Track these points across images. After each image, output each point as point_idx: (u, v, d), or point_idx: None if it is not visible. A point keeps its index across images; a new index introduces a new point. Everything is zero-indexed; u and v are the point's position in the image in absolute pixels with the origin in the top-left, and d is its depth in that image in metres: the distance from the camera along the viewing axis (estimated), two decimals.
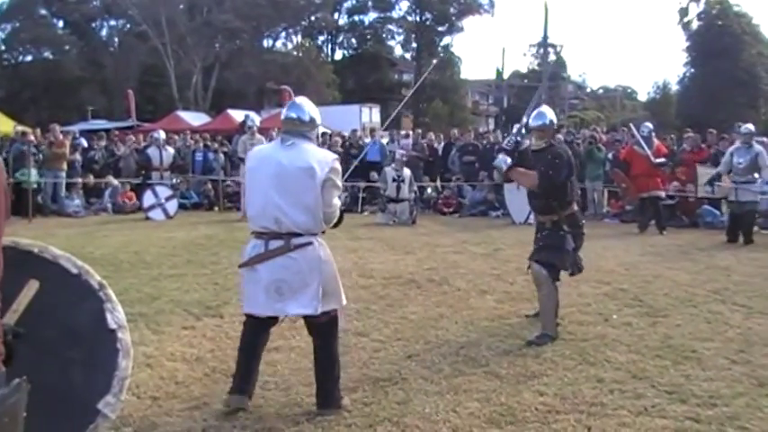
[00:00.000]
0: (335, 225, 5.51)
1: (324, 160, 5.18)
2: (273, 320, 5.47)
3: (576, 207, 7.63)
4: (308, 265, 5.16)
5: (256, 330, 5.46)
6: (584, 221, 8.02)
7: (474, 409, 5.26)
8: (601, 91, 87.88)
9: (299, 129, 5.34)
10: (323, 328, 5.36)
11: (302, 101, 5.52)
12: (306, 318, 5.37)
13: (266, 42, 62.07)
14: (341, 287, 5.50)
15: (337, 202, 5.36)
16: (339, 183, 5.33)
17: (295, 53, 61.01)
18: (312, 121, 5.39)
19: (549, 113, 7.59)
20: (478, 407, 5.32)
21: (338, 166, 5.30)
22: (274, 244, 5.14)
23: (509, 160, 7.50)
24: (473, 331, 7.50)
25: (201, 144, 23.04)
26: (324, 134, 23.14)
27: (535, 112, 7.61)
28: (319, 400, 5.31)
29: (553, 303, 7.28)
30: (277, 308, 5.23)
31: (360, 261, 11.71)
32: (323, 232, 5.37)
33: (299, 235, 5.13)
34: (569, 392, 5.61)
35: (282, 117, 5.46)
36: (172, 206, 18.56)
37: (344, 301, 5.50)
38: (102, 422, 4.03)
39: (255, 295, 5.24)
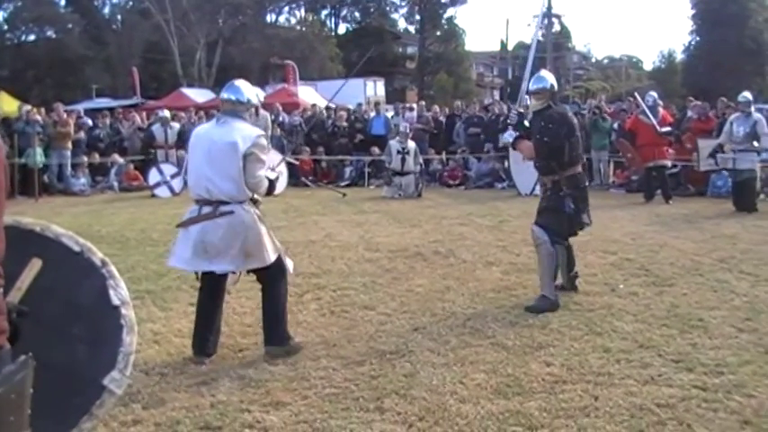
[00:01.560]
0: (268, 194, 6.16)
1: (248, 136, 5.78)
2: (223, 280, 6.11)
3: (578, 168, 7.59)
4: (233, 229, 5.74)
5: (209, 290, 6.10)
6: (587, 183, 8.05)
7: (481, 381, 5.28)
8: (606, 61, 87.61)
9: (234, 108, 5.98)
10: (264, 277, 6.05)
11: (240, 83, 6.17)
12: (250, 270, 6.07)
13: (269, 17, 61.83)
14: (267, 246, 5.92)
15: (261, 174, 5.86)
16: (263, 156, 5.86)
17: (298, 28, 60.80)
18: (248, 101, 6.05)
19: (548, 77, 7.68)
20: (485, 378, 5.33)
21: (262, 141, 5.87)
22: (205, 209, 5.80)
23: (514, 134, 7.68)
24: (479, 303, 7.52)
25: (203, 120, 22.96)
26: (328, 108, 23.11)
27: (535, 76, 7.73)
28: (266, 335, 6.03)
29: (551, 266, 7.39)
30: (203, 265, 5.87)
31: (366, 235, 11.71)
32: (254, 201, 6.00)
33: (227, 203, 5.76)
34: (576, 362, 5.62)
35: (221, 97, 6.18)
36: (177, 183, 18.53)
37: (270, 259, 5.91)
38: (108, 398, 4.05)
39: (183, 252, 5.90)
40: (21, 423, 2.05)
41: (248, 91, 6.10)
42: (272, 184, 6.11)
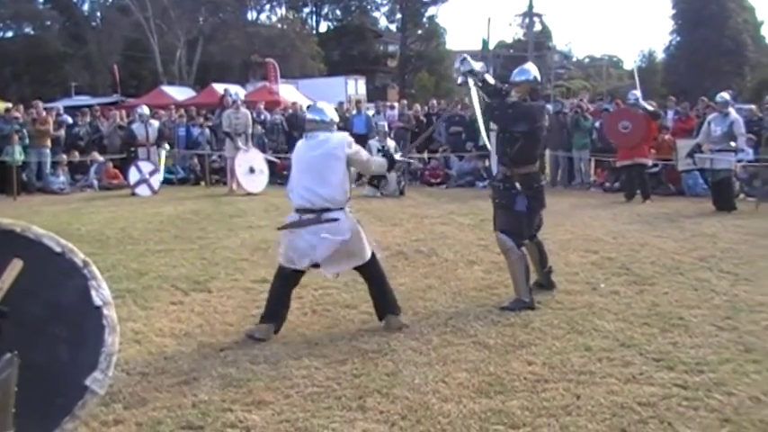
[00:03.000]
0: (389, 169, 7.47)
1: (340, 143, 6.47)
2: (301, 275, 6.68)
3: (534, 168, 7.57)
4: (339, 235, 6.33)
5: (288, 280, 6.63)
6: (542, 183, 7.86)
7: (463, 380, 5.28)
8: (587, 60, 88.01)
9: (318, 127, 6.61)
10: (366, 270, 6.68)
11: (323, 105, 6.91)
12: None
13: (250, 15, 61.81)
14: (366, 244, 6.60)
15: (367, 159, 6.97)
16: (357, 147, 6.72)
17: (279, 25, 60.67)
18: (331, 121, 6.71)
19: (532, 70, 7.66)
20: (467, 377, 5.34)
21: (350, 138, 6.67)
22: (306, 216, 6.40)
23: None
24: (461, 302, 7.52)
25: (186, 119, 22.88)
26: (309, 106, 23.04)
27: (519, 68, 7.77)
28: (379, 311, 6.65)
29: (522, 269, 7.31)
30: (311, 263, 6.45)
31: None
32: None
33: (329, 210, 6.37)
34: (558, 361, 5.64)
35: (307, 117, 6.90)
36: (156, 180, 18.46)
37: (369, 253, 6.62)
38: (90, 398, 4.04)
39: (291, 254, 6.50)
40: (5, 421, 2.04)
41: (330, 112, 6.77)
42: (391, 160, 7.26)
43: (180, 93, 37.51)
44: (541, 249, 7.88)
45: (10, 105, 19.81)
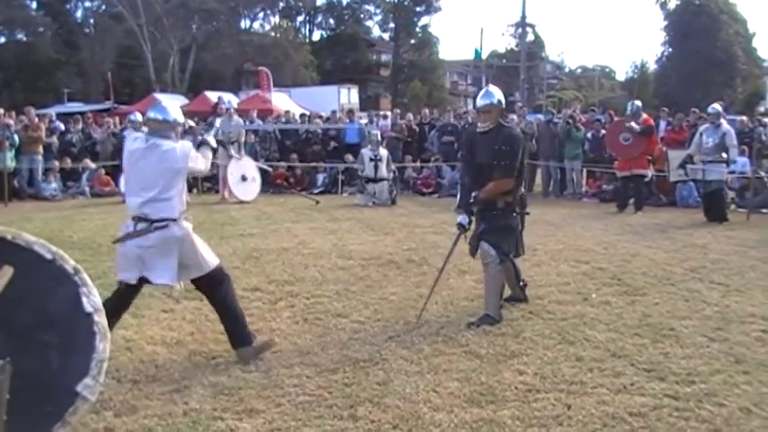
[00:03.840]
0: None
1: (180, 156, 5.90)
2: (137, 290, 6.20)
3: (523, 189, 7.53)
4: (166, 245, 5.86)
5: (123, 296, 6.14)
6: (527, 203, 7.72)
7: (454, 389, 5.28)
8: (579, 70, 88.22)
9: (160, 127, 6.05)
10: (205, 286, 6.16)
11: (167, 103, 6.39)
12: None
13: (244, 23, 61.79)
14: (204, 256, 6.06)
15: (201, 166, 6.20)
16: (195, 155, 6.04)
17: (273, 34, 60.76)
18: (174, 121, 6.13)
19: (496, 93, 7.33)
20: (459, 386, 5.34)
21: (191, 152, 6.02)
22: (140, 225, 5.86)
23: (467, 218, 7.44)
24: (453, 311, 7.52)
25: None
26: (303, 115, 23.10)
27: (482, 91, 7.46)
28: (232, 342, 6.09)
29: (499, 285, 7.22)
30: (141, 274, 5.93)
31: (339, 242, 11.70)
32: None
33: (161, 220, 5.85)
34: (549, 371, 5.64)
35: (147, 116, 6.34)
36: None
37: (211, 266, 6.07)
38: (81, 404, 4.04)
39: (124, 265, 6.01)
40: None
41: (175, 111, 6.21)
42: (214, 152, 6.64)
43: (172, 100, 37.43)
44: (516, 265, 7.68)
45: (1, 112, 19.71)
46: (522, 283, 7.81)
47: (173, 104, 6.42)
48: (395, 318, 7.22)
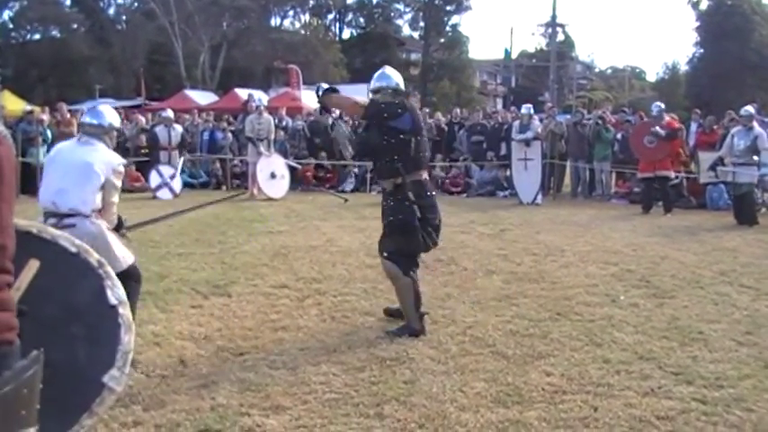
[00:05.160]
0: (115, 229, 6.32)
1: (109, 162, 6.01)
2: None
3: (424, 174, 6.80)
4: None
5: None
6: (433, 192, 6.96)
7: (481, 389, 5.28)
8: (609, 71, 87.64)
9: (96, 132, 6.12)
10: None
11: (103, 108, 6.43)
12: None
13: (274, 21, 62.00)
14: (118, 254, 5.95)
15: (115, 201, 6.17)
16: (118, 184, 6.13)
17: (303, 32, 60.90)
18: (110, 126, 6.23)
19: (394, 75, 7.08)
20: (485, 387, 5.33)
21: (121, 169, 6.18)
22: (51, 221, 5.69)
23: (324, 85, 7.26)
24: (480, 311, 7.50)
25: (209, 123, 23.02)
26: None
27: (378, 73, 7.21)
28: None
29: (410, 297, 6.65)
30: None
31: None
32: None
33: (71, 216, 5.79)
34: (576, 373, 5.62)
35: (82, 120, 6.36)
36: (177, 184, 18.60)
37: (123, 266, 5.89)
38: (107, 395, 4.08)
39: None
40: (31, 418, 2.09)
41: (111, 116, 6.28)
42: (120, 221, 6.47)
43: (203, 97, 37.68)
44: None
45: (34, 108, 19.96)
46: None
47: (109, 109, 6.47)
48: None
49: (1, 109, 20.78)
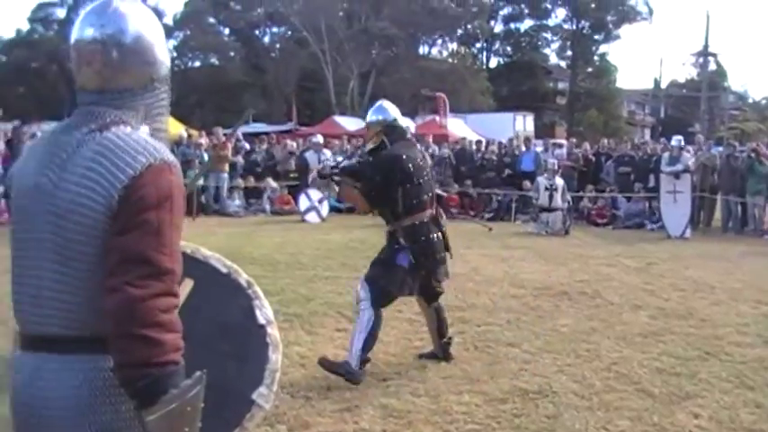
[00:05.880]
0: None
1: None
2: None
3: (421, 217, 6.39)
4: None
5: None
6: (437, 234, 6.56)
7: (625, 428, 5.20)
8: (764, 102, 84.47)
9: None
10: None
11: None
12: None
13: (422, 49, 62.52)
14: None
15: None
16: None
17: (450, 60, 61.19)
18: None
19: (390, 109, 6.68)
20: (630, 425, 5.25)
21: None
22: None
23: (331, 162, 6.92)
24: (625, 347, 7.37)
25: (358, 149, 23.43)
26: (478, 142, 23.25)
27: (375, 106, 6.86)
28: None
29: (365, 330, 6.12)
30: None
31: (511, 271, 11.68)
32: None
33: None
34: (725, 416, 5.46)
35: None
36: (325, 208, 19.02)
37: None
38: (256, 411, 4.21)
39: None
40: None
41: None
42: None
43: (351, 123, 38.35)
44: (441, 316, 6.87)
45: (192, 132, 20.84)
46: (446, 340, 6.89)
47: None
48: (566, 350, 7.15)
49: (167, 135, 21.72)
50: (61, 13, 63.29)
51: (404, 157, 6.34)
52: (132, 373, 2.03)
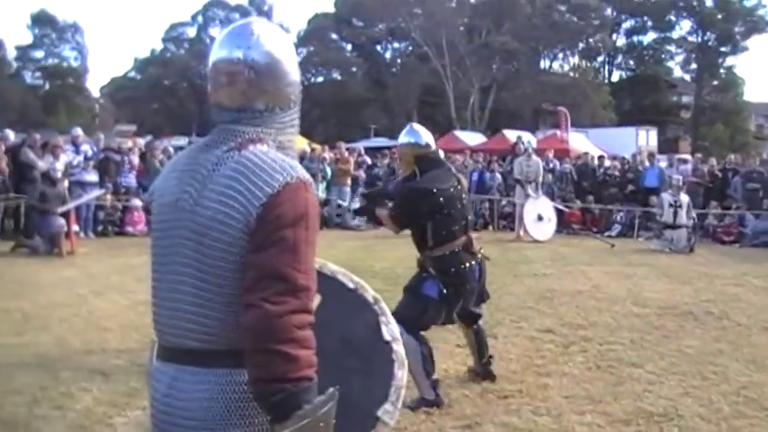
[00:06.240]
0: None
1: None
2: None
3: (451, 247, 6.08)
4: None
5: None
6: (467, 265, 6.15)
7: None
8: None
9: None
10: None
11: None
12: None
13: (543, 63, 62.18)
14: None
15: None
16: None
17: (572, 74, 60.60)
18: None
19: (421, 132, 6.43)
20: None
21: None
22: None
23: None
24: (755, 371, 7.12)
25: (479, 164, 23.47)
26: (600, 157, 22.96)
27: (407, 128, 6.58)
28: None
29: (417, 364, 5.79)
30: None
31: (634, 288, 11.45)
32: None
33: None
34: None
35: None
36: None
37: None
38: (381, 428, 4.25)
39: None
40: None
41: None
42: None
43: (471, 138, 38.38)
44: (481, 339, 6.71)
45: (315, 146, 21.23)
46: (486, 360, 6.74)
47: None
48: (691, 372, 6.97)
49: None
50: (192, 32, 66.09)
51: (434, 191, 6.04)
52: (268, 388, 2.08)
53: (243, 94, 2.32)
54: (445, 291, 5.97)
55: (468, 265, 6.13)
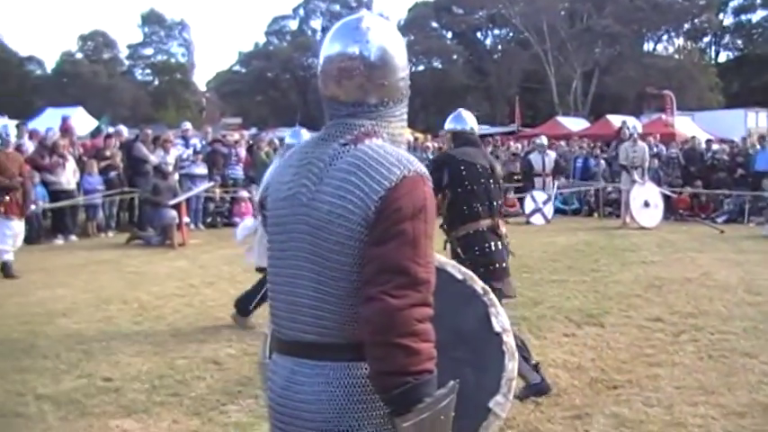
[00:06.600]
0: None
1: None
2: None
3: (477, 226, 5.96)
4: None
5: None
6: (488, 246, 5.94)
7: None
8: None
9: None
10: None
11: None
12: None
13: (647, 46, 60.77)
14: None
15: None
16: None
17: (677, 56, 59.02)
18: None
19: (468, 118, 6.47)
20: None
21: None
22: None
23: None
24: None
25: (583, 149, 23.18)
26: (708, 140, 22.38)
27: (455, 114, 6.62)
28: None
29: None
30: None
31: (746, 276, 11.14)
32: None
33: None
34: None
35: None
36: (549, 210, 18.89)
37: None
38: (493, 420, 4.26)
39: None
40: None
41: None
42: None
43: (574, 123, 37.87)
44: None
45: (418, 135, 21.30)
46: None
47: None
48: None
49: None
50: (293, 24, 66.91)
51: (457, 158, 6.10)
52: (389, 381, 2.10)
53: (359, 89, 2.33)
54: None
55: (493, 244, 5.99)
